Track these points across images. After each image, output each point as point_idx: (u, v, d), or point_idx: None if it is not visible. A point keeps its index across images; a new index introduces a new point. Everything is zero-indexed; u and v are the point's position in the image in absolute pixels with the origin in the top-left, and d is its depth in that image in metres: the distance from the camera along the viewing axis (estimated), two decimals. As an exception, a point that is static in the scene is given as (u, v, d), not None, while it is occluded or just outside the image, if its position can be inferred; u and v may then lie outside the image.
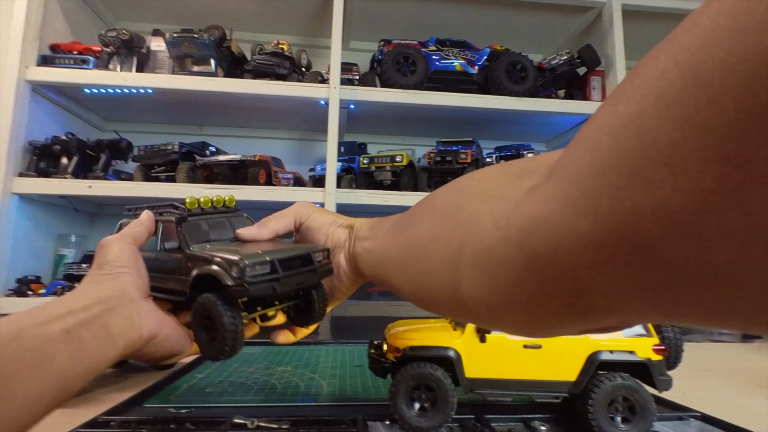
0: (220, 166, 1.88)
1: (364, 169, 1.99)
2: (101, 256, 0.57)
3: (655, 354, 0.60)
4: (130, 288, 0.56)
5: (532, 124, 2.31)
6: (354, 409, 0.68)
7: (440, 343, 0.62)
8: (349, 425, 0.63)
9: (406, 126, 2.37)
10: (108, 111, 2.22)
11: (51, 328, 0.42)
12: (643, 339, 0.60)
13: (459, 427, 0.63)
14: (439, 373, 0.61)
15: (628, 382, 0.58)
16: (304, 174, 2.12)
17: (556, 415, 0.66)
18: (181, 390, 0.80)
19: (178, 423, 0.63)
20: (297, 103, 1.98)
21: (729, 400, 0.66)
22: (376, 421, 0.64)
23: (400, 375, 0.61)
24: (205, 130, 2.38)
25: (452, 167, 1.94)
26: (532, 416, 0.65)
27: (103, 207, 2.27)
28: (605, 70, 2.16)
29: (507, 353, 0.61)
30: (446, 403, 0.60)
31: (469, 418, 0.64)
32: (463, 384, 0.61)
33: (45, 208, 1.93)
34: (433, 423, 0.60)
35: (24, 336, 0.40)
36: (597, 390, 0.58)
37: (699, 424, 0.66)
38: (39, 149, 1.80)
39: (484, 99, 2.01)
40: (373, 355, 0.68)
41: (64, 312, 0.45)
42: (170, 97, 1.98)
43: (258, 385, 0.83)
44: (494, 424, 0.63)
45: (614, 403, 0.58)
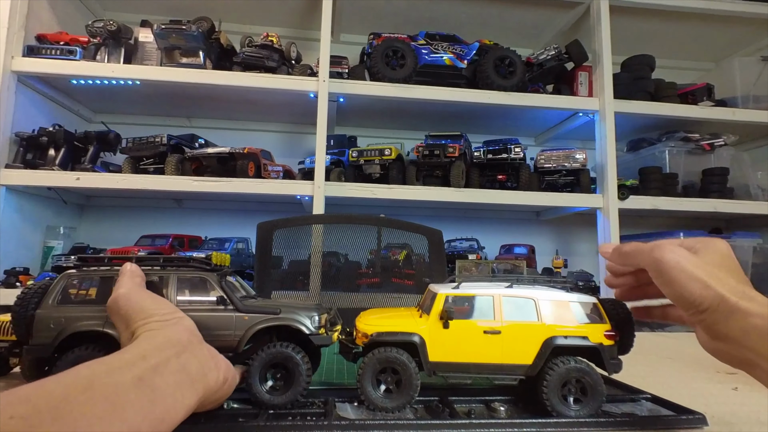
0: (209, 158, 1.89)
1: (353, 162, 2.01)
2: (131, 307, 0.53)
3: (607, 339, 0.63)
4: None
5: (520, 118, 2.34)
6: (325, 392, 0.71)
7: (406, 329, 0.65)
8: (318, 406, 0.66)
9: (396, 119, 2.39)
10: (96, 102, 2.22)
11: (123, 376, 0.39)
12: (595, 325, 0.63)
13: (423, 408, 0.66)
14: (404, 357, 0.63)
15: (580, 365, 0.61)
16: (294, 167, 2.14)
17: (514, 397, 0.69)
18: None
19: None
20: (286, 95, 1.99)
21: (684, 384, 0.69)
22: (344, 403, 0.67)
23: (368, 359, 0.64)
24: (194, 122, 2.39)
25: (440, 161, 1.97)
26: (492, 398, 0.68)
27: (91, 199, 2.28)
28: (592, 65, 2.19)
29: (468, 338, 0.63)
30: (410, 385, 0.63)
31: (432, 399, 0.67)
32: (426, 367, 0.64)
33: (33, 199, 1.93)
34: (398, 404, 0.63)
35: (95, 385, 0.37)
36: (551, 373, 0.61)
37: (650, 405, 0.69)
38: (26, 140, 1.80)
39: (473, 93, 2.03)
40: (344, 341, 0.71)
41: (137, 356, 0.42)
42: (159, 89, 1.99)
43: (236, 370, 0.85)
44: (456, 405, 0.66)
45: (567, 384, 0.62)
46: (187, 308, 0.64)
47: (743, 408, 0.71)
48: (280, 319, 0.65)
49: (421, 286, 1.44)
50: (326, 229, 1.52)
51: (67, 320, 0.62)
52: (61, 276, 0.65)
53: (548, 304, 0.64)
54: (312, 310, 0.67)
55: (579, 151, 2.06)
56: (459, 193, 1.96)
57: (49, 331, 0.62)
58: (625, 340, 0.64)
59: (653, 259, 0.52)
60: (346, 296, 1.83)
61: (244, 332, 0.64)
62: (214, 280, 0.67)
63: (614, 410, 0.65)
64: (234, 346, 0.64)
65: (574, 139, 2.51)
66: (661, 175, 2.20)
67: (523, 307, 0.64)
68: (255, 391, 0.63)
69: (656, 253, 0.52)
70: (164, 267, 0.67)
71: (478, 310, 0.64)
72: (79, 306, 0.64)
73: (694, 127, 2.30)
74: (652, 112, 2.14)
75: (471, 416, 0.62)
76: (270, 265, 1.40)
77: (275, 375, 0.65)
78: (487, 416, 0.63)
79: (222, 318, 0.64)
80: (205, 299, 0.66)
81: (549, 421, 0.59)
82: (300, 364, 0.63)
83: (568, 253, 2.57)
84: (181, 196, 2.23)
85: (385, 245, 1.55)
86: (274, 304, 0.67)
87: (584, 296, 0.65)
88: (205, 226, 2.26)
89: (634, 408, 0.67)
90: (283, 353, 0.63)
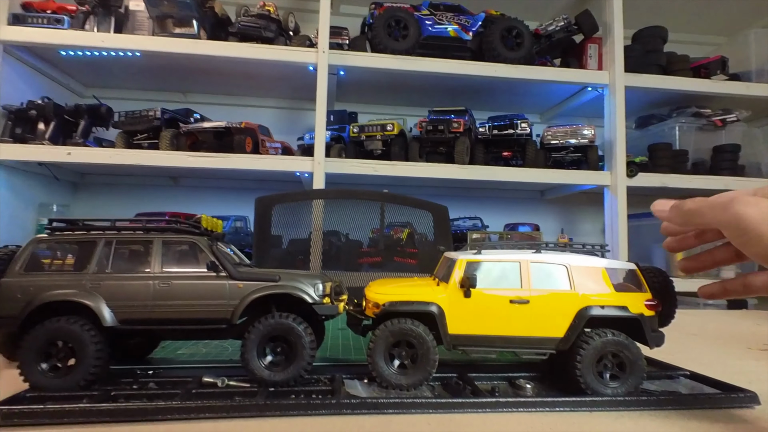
0: (205, 133, 1.81)
1: (354, 139, 1.93)
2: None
3: (648, 309, 0.57)
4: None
5: (527, 93, 2.25)
6: (331, 369, 0.65)
7: (422, 298, 0.59)
8: (324, 384, 0.60)
9: (398, 94, 2.30)
10: (87, 75, 2.12)
11: None
12: (635, 294, 0.57)
13: (440, 386, 0.61)
14: (420, 329, 0.57)
15: (618, 338, 0.55)
16: (293, 144, 2.06)
17: (541, 373, 0.63)
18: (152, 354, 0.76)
19: (141, 383, 0.59)
20: (284, 68, 1.90)
21: (718, 361, 0.64)
22: (353, 379, 0.61)
23: (380, 331, 0.58)
24: (190, 97, 2.30)
25: (444, 136, 1.89)
26: (517, 374, 0.62)
27: (85, 176, 2.20)
28: (603, 37, 2.09)
29: (493, 309, 0.57)
30: (427, 360, 0.57)
31: (451, 376, 0.61)
32: (445, 341, 0.58)
33: (24, 176, 1.86)
34: (413, 381, 0.57)
35: None
36: (586, 346, 0.55)
37: (689, 382, 0.63)
38: (14, 114, 1.72)
39: (478, 66, 1.94)
40: (352, 312, 0.65)
41: None
42: (152, 61, 1.90)
43: (234, 347, 0.79)
44: (478, 382, 0.60)
45: (603, 359, 0.56)
46: (173, 276, 0.58)
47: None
48: (280, 287, 0.58)
49: (424, 265, 1.38)
50: (327, 206, 1.45)
51: (37, 289, 0.56)
52: (29, 241, 0.59)
53: (582, 270, 0.57)
54: (315, 278, 0.61)
55: (587, 127, 1.98)
56: (463, 170, 1.89)
57: (16, 301, 0.55)
58: (667, 311, 0.58)
59: (732, 216, 0.43)
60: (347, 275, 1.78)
61: (239, 302, 0.58)
62: (204, 244, 0.60)
63: (652, 388, 0.60)
64: (228, 317, 0.58)
65: (581, 116, 2.43)
66: (670, 152, 2.13)
67: (553, 274, 0.57)
68: (252, 367, 0.57)
69: (735, 208, 0.43)
70: (148, 231, 0.61)
71: (503, 278, 0.58)
72: (51, 274, 0.58)
73: (706, 102, 2.23)
74: (664, 86, 2.06)
75: (495, 394, 0.56)
76: (269, 243, 1.34)
77: (275, 349, 0.59)
78: (512, 394, 0.57)
79: (213, 286, 0.58)
80: (194, 265, 0.59)
81: (584, 399, 0.54)
82: (302, 337, 0.57)
83: (572, 232, 2.51)
84: (177, 172, 2.16)
85: (388, 224, 1.50)
86: (272, 272, 0.61)
87: (622, 262, 0.59)
88: (202, 204, 2.19)
89: (672, 385, 0.62)
90: (284, 324, 0.57)
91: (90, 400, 0.52)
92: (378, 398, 0.55)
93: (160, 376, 0.62)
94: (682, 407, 0.54)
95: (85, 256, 0.57)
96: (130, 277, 0.58)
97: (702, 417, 0.53)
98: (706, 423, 0.52)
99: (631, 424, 0.51)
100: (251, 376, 0.58)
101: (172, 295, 0.57)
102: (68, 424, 0.49)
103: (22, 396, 0.54)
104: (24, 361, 0.55)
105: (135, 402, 0.52)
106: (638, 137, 2.34)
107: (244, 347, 0.57)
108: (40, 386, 0.55)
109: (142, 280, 0.57)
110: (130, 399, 0.54)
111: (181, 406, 0.51)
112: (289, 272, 0.61)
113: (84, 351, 0.55)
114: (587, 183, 2.04)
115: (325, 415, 0.52)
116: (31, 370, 0.55)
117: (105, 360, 0.56)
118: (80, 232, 0.60)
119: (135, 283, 0.57)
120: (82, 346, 0.55)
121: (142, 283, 0.57)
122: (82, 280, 0.56)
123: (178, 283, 0.57)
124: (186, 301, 0.57)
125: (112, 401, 0.53)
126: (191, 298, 0.56)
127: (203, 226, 0.64)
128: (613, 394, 0.55)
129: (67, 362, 0.56)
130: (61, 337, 0.55)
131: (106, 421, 0.50)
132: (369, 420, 0.51)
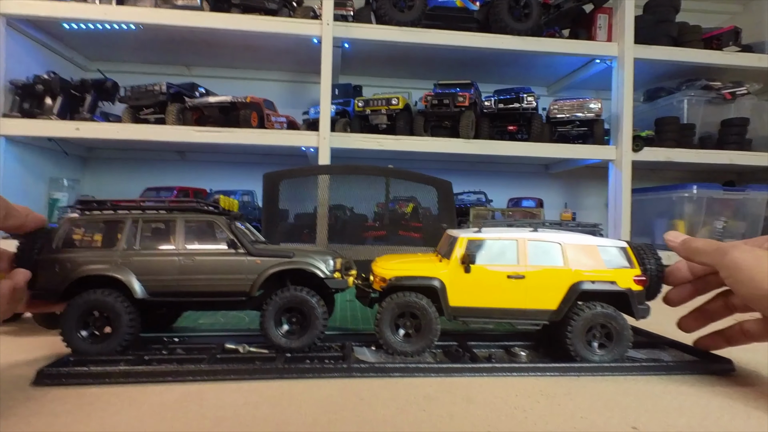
0: (211, 108, 1.83)
1: (358, 113, 1.94)
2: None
3: (636, 284, 0.61)
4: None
5: (534, 65, 2.23)
6: (342, 337, 0.71)
7: (426, 274, 0.63)
8: (336, 350, 0.66)
9: (403, 67, 2.28)
10: (91, 49, 2.12)
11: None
12: (624, 270, 0.61)
13: (442, 353, 0.66)
14: (423, 302, 0.62)
15: (607, 310, 0.60)
16: (298, 118, 2.07)
17: (535, 342, 0.68)
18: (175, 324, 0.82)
19: (170, 349, 0.65)
20: (288, 41, 1.89)
21: (702, 332, 0.68)
22: (362, 347, 0.67)
23: (386, 303, 0.63)
24: (194, 71, 2.29)
25: (450, 110, 1.89)
26: (512, 343, 0.68)
27: (93, 151, 2.24)
28: (613, 7, 2.05)
29: (491, 283, 0.62)
30: (430, 330, 0.62)
31: (451, 344, 0.67)
32: (447, 312, 0.63)
33: (34, 151, 1.89)
34: (417, 348, 0.62)
35: None
36: (576, 317, 0.60)
37: (673, 351, 0.68)
38: (21, 89, 1.74)
39: (485, 38, 1.92)
40: (360, 285, 0.70)
41: None
42: (155, 34, 1.89)
43: (251, 317, 0.85)
44: (476, 350, 0.65)
45: (592, 329, 0.61)
46: (196, 252, 0.63)
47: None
48: (294, 263, 0.63)
49: (428, 239, 1.42)
50: (333, 181, 1.48)
51: (73, 264, 0.61)
52: (64, 220, 0.63)
53: (575, 248, 0.61)
54: (326, 254, 0.66)
55: (594, 101, 1.97)
56: (469, 144, 1.90)
57: (55, 275, 0.60)
58: (654, 286, 0.62)
59: (730, 260, 0.52)
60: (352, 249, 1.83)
61: (257, 276, 0.63)
62: (223, 223, 0.65)
63: (638, 356, 0.65)
64: (247, 291, 0.63)
65: (588, 89, 2.41)
66: (678, 126, 2.12)
67: (548, 251, 0.61)
68: (271, 335, 0.63)
69: (733, 254, 0.51)
70: (171, 211, 0.65)
71: (501, 255, 0.62)
72: (84, 251, 0.62)
73: (716, 75, 2.20)
74: (674, 58, 2.03)
75: (492, 360, 0.62)
76: (277, 217, 1.38)
77: (291, 319, 0.64)
78: (507, 360, 0.63)
79: (234, 262, 0.63)
80: (214, 243, 0.64)
81: (572, 365, 0.59)
82: (316, 307, 0.62)
83: (576, 207, 2.54)
84: (184, 147, 2.18)
85: (392, 198, 1.53)
86: (287, 248, 0.65)
87: (613, 240, 0.63)
88: (209, 179, 2.23)
89: (658, 354, 0.67)
90: (298, 296, 0.62)
91: (127, 364, 0.58)
92: (385, 363, 0.60)
93: (186, 344, 0.67)
94: (662, 372, 0.60)
95: (115, 234, 0.62)
96: (157, 253, 0.62)
97: (680, 382, 0.59)
98: (684, 386, 0.57)
99: (614, 386, 0.56)
100: (270, 343, 0.63)
101: (196, 270, 0.62)
102: (109, 384, 0.55)
103: (66, 359, 0.59)
104: (65, 329, 0.60)
105: (167, 365, 0.57)
106: (645, 111, 2.33)
107: (262, 317, 0.62)
108: (81, 351, 0.61)
109: (168, 256, 0.62)
110: (161, 363, 0.59)
111: (209, 369, 0.57)
112: (302, 249, 0.66)
113: (119, 320, 0.60)
114: (592, 157, 2.05)
115: (337, 377, 0.58)
116: (73, 337, 0.60)
117: (137, 328, 0.62)
118: (108, 212, 0.64)
119: (162, 258, 0.62)
120: (117, 315, 0.60)
121: (168, 259, 0.62)
122: (113, 256, 0.61)
123: (201, 259, 0.61)
124: (209, 275, 0.62)
125: (146, 364, 0.58)
126: (213, 272, 0.61)
127: (222, 206, 0.68)
128: (600, 361, 0.60)
129: (103, 330, 0.62)
130: (98, 307, 0.60)
131: (143, 382, 0.55)
132: (376, 382, 0.57)
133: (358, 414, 0.48)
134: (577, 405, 0.51)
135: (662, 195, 2.19)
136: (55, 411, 0.48)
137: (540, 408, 0.50)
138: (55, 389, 0.54)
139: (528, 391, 0.54)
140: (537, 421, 0.48)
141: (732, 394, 0.55)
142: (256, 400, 0.51)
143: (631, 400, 0.53)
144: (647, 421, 0.48)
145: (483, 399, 0.52)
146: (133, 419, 0.47)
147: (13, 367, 0.61)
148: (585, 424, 0.47)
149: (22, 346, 0.70)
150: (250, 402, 0.51)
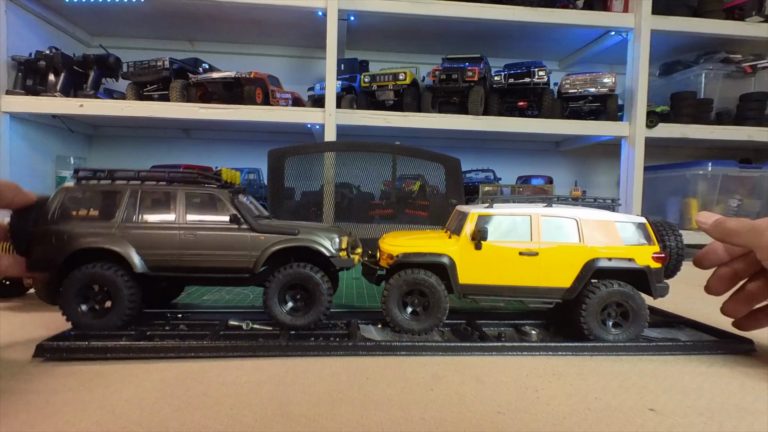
0: (215, 84, 1.79)
1: (365, 89, 1.89)
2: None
3: (654, 262, 0.58)
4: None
5: (546, 39, 2.15)
6: (347, 315, 0.69)
7: (434, 250, 0.61)
8: (341, 328, 0.64)
9: (410, 42, 2.21)
10: (92, 24, 2.07)
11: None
12: (643, 247, 0.59)
13: (450, 331, 0.64)
14: (432, 280, 0.60)
15: (624, 288, 0.57)
16: (303, 93, 2.03)
17: (546, 321, 0.66)
18: (178, 299, 0.81)
19: (173, 325, 0.64)
20: (292, 13, 1.83)
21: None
22: (368, 325, 0.65)
23: (394, 280, 0.61)
24: (197, 46, 2.25)
25: (458, 86, 1.83)
26: (523, 322, 0.66)
27: (98, 129, 2.22)
28: (631, -24, 1.95)
29: (503, 260, 0.59)
30: (439, 308, 0.60)
31: (459, 322, 0.65)
32: (456, 290, 0.61)
33: (39, 128, 1.88)
34: (425, 326, 0.61)
35: None
36: (591, 296, 0.57)
37: (690, 331, 0.66)
38: (23, 65, 1.71)
39: (496, 9, 1.84)
40: (367, 262, 0.68)
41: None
42: (157, 8, 1.84)
43: (255, 293, 0.84)
44: (485, 328, 0.64)
45: (607, 308, 0.58)
46: (198, 227, 0.61)
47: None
48: (299, 240, 0.61)
49: (435, 217, 1.40)
50: (339, 159, 1.45)
51: (70, 236, 0.59)
52: (58, 190, 0.61)
53: (592, 224, 0.58)
54: (332, 232, 0.63)
55: (607, 75, 1.90)
56: (478, 121, 1.85)
57: (51, 246, 0.59)
58: (674, 263, 0.60)
59: (766, 240, 0.48)
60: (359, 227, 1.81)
61: (261, 253, 0.61)
62: (226, 197, 0.62)
63: (654, 335, 0.62)
64: (250, 267, 0.61)
65: (601, 63, 2.33)
66: (694, 101, 2.05)
67: (563, 227, 0.59)
68: (275, 312, 0.61)
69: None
70: (171, 183, 0.63)
71: (513, 231, 0.60)
72: (80, 222, 0.61)
73: (737, 47, 2.10)
74: (693, 29, 1.95)
75: (502, 339, 0.60)
76: (283, 195, 1.36)
77: (295, 297, 0.63)
78: (518, 339, 0.61)
79: (236, 237, 0.61)
80: (217, 217, 0.62)
81: (586, 344, 0.57)
82: (320, 284, 0.60)
83: (586, 185, 2.49)
84: (189, 124, 2.16)
85: (399, 176, 1.50)
86: (291, 225, 0.63)
87: (632, 216, 0.60)
88: (215, 157, 2.21)
89: (674, 333, 0.64)
90: (302, 273, 0.60)
91: (128, 339, 0.57)
92: (391, 341, 0.58)
93: (189, 320, 0.67)
94: (679, 352, 0.57)
95: (113, 205, 0.60)
96: (157, 226, 0.61)
97: (699, 362, 0.56)
98: (703, 366, 0.55)
99: (629, 366, 0.54)
100: (274, 320, 0.62)
101: (197, 245, 0.60)
102: (110, 359, 0.54)
103: (67, 334, 0.59)
104: (65, 303, 0.59)
105: (169, 341, 0.56)
106: (661, 85, 2.25)
107: (265, 294, 0.61)
108: (81, 326, 0.60)
109: (169, 230, 0.60)
110: (164, 339, 0.58)
111: (212, 346, 0.55)
112: (308, 226, 0.64)
113: (119, 294, 0.59)
114: (605, 134, 1.99)
115: (343, 356, 0.56)
116: (72, 311, 0.59)
117: (138, 303, 0.61)
118: (105, 182, 0.62)
119: (162, 232, 0.60)
120: (117, 290, 0.59)
121: (168, 233, 0.60)
122: (111, 228, 0.59)
123: (202, 233, 0.59)
124: (211, 251, 0.60)
125: (148, 340, 0.57)
126: (216, 248, 0.59)
127: (224, 179, 0.66)
128: (615, 340, 0.58)
129: (104, 304, 0.61)
130: (97, 281, 0.59)
131: (144, 358, 0.54)
132: (383, 360, 0.55)
133: (364, 393, 0.47)
134: (591, 386, 0.49)
135: (675, 173, 2.13)
136: (55, 388, 0.47)
137: (552, 388, 0.49)
138: (55, 366, 0.53)
139: (539, 371, 0.53)
140: (549, 401, 0.46)
141: (753, 375, 0.53)
142: (259, 378, 0.50)
143: (647, 380, 0.51)
144: (665, 403, 0.46)
145: (493, 379, 0.51)
146: (134, 397, 0.46)
147: (14, 344, 0.61)
148: (599, 405, 0.45)
149: (25, 322, 0.70)
150: (253, 380, 0.50)
